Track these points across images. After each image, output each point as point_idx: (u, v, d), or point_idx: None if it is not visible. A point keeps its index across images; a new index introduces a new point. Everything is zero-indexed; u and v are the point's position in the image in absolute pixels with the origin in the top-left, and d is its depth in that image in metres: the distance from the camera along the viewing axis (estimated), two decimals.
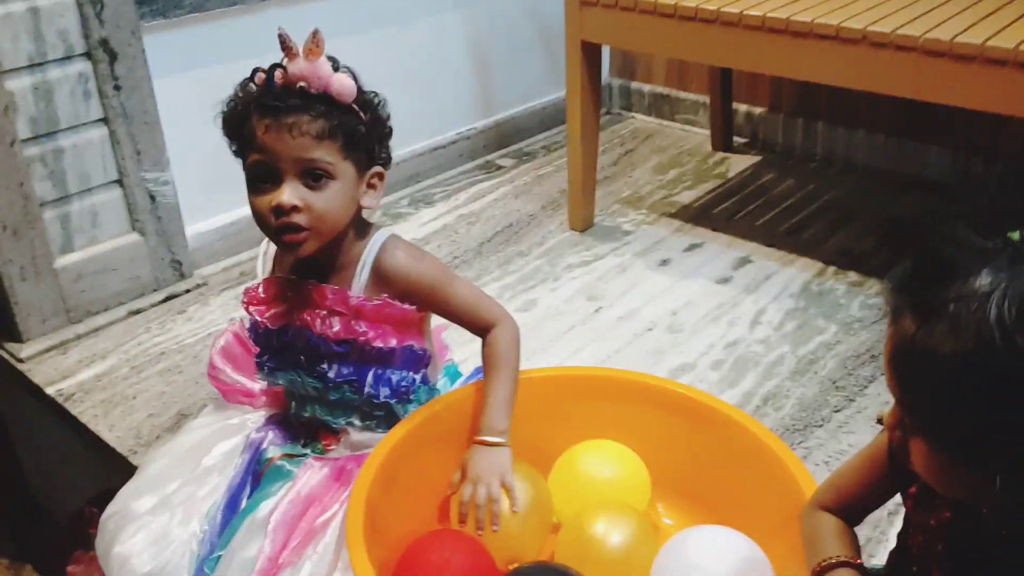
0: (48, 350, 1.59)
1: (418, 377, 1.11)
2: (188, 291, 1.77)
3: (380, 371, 1.08)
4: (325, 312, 1.06)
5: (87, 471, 1.54)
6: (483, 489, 1.04)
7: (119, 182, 1.65)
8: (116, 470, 1.39)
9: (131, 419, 1.43)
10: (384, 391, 1.08)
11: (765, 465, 1.05)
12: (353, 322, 1.05)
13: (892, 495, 0.85)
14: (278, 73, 1.00)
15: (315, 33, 0.99)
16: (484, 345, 1.12)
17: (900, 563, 0.81)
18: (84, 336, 1.64)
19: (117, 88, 1.58)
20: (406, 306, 1.07)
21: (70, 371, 1.55)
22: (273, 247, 1.14)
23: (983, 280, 0.60)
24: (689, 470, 1.15)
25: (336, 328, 1.05)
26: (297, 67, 0.99)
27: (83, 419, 1.44)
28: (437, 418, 1.10)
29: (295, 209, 0.98)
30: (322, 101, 0.99)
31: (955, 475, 0.67)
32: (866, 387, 1.42)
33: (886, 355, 0.67)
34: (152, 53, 1.62)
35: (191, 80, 1.73)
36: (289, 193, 0.98)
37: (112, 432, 1.41)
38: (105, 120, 1.59)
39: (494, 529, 1.04)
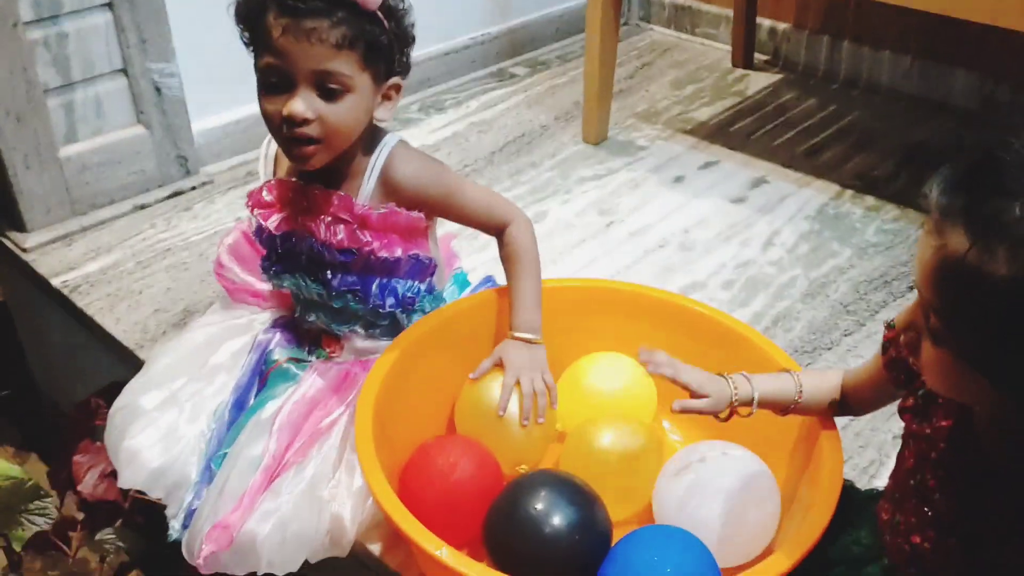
0: (52, 241, 1.58)
1: (423, 286, 1.09)
2: (194, 188, 1.74)
3: (385, 281, 1.06)
4: (330, 219, 1.03)
5: (92, 363, 1.54)
6: (528, 382, 1.04)
7: (124, 71, 1.60)
8: (122, 363, 1.40)
9: (137, 313, 1.43)
10: (389, 300, 1.07)
11: None
12: (358, 231, 1.02)
13: (892, 398, 0.87)
14: None
15: None
16: (502, 245, 1.11)
17: (900, 479, 0.82)
18: (89, 228, 1.62)
19: None
20: (414, 214, 1.05)
21: (75, 263, 1.54)
22: (274, 148, 1.11)
23: None
24: None
25: (340, 236, 1.03)
26: None
27: (89, 312, 1.43)
28: (447, 326, 1.10)
29: (307, 121, 0.95)
30: (345, 6, 0.93)
31: (966, 383, 0.67)
32: (877, 312, 1.41)
33: (927, 264, 0.65)
34: None
35: None
36: (302, 104, 0.94)
37: (118, 325, 1.40)
38: (110, 5, 1.53)
39: (540, 421, 1.05)
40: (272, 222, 1.06)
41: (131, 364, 1.36)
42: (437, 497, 0.98)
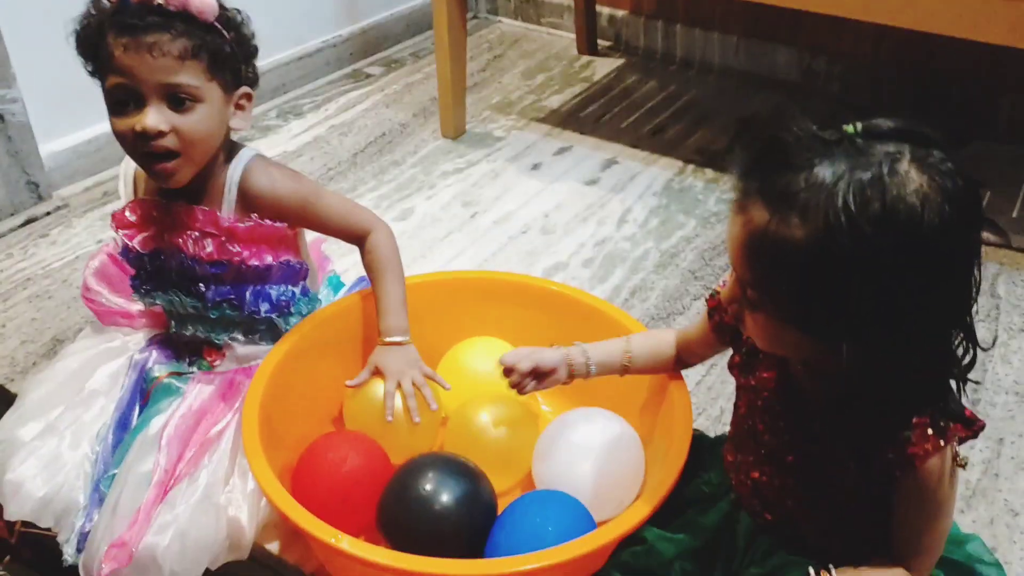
0: None
1: (297, 290, 1.13)
2: (48, 213, 1.71)
3: (259, 288, 1.10)
4: (197, 234, 1.06)
5: None
6: (407, 381, 1.10)
7: None
8: None
9: (3, 347, 1.40)
10: (264, 306, 1.10)
11: None
12: (227, 243, 1.05)
13: (718, 351, 0.99)
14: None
15: None
16: (364, 253, 1.15)
17: (736, 424, 0.93)
18: None
19: None
20: (278, 224, 1.08)
21: None
22: (132, 167, 1.12)
23: (828, 171, 0.66)
24: None
25: (209, 249, 1.06)
26: None
27: None
28: (325, 325, 1.14)
29: (161, 134, 0.97)
30: (182, 19, 0.96)
31: (785, 338, 0.76)
32: (721, 275, 1.54)
33: (736, 240, 0.73)
34: None
35: None
36: (154, 117, 0.96)
37: None
38: None
39: (433, 408, 1.10)
40: (138, 241, 1.08)
41: (2, 399, 1.34)
42: (329, 490, 1.02)
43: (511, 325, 1.24)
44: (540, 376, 1.03)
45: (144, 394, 1.14)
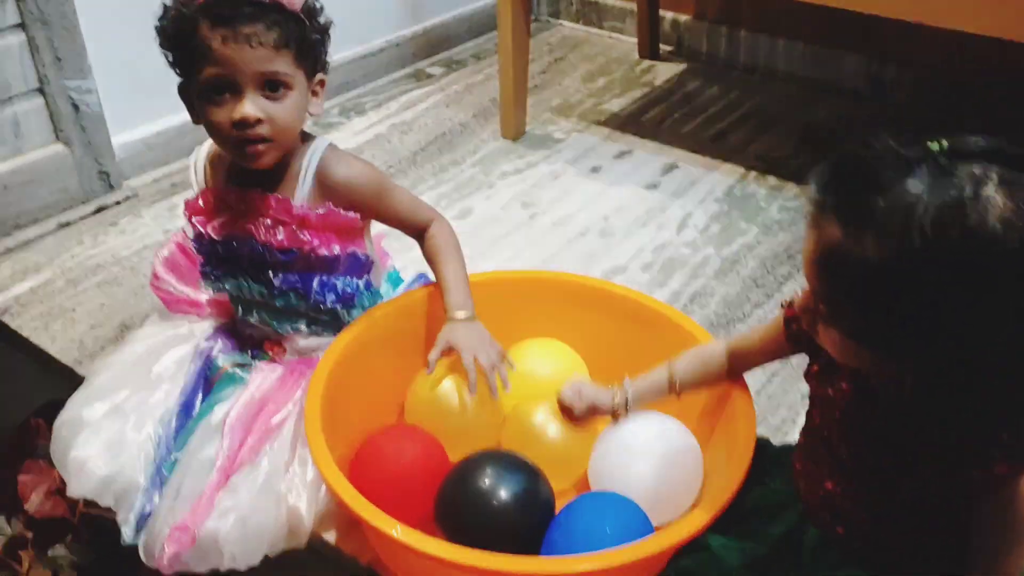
0: None
1: (362, 283, 1.15)
2: (118, 203, 1.75)
3: (325, 278, 1.11)
4: (270, 221, 1.08)
5: (23, 385, 1.54)
6: (485, 358, 1.10)
7: (40, 90, 1.60)
8: (60, 382, 1.41)
9: (73, 331, 1.43)
10: (330, 297, 1.11)
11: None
12: (298, 231, 1.07)
13: (785, 356, 0.98)
14: None
15: None
16: (426, 240, 1.17)
17: (810, 434, 0.91)
18: (14, 250, 1.61)
19: None
20: (350, 214, 1.10)
21: (3, 285, 1.53)
22: (203, 157, 1.14)
23: (907, 190, 0.65)
24: (624, 365, 1.23)
25: (281, 237, 1.08)
26: None
27: (24, 332, 1.43)
28: (387, 319, 1.16)
29: (259, 122, 1.00)
30: (274, 9, 0.99)
31: (859, 354, 0.75)
32: (783, 284, 1.52)
33: (809, 255, 0.72)
34: None
35: None
36: (252, 106, 0.99)
37: (55, 344, 1.41)
38: (22, 25, 1.53)
39: (507, 391, 1.11)
40: (210, 228, 1.10)
41: (70, 381, 1.37)
42: (387, 482, 1.03)
43: (570, 326, 1.24)
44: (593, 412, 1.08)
45: (208, 382, 1.17)
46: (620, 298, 1.23)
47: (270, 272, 1.09)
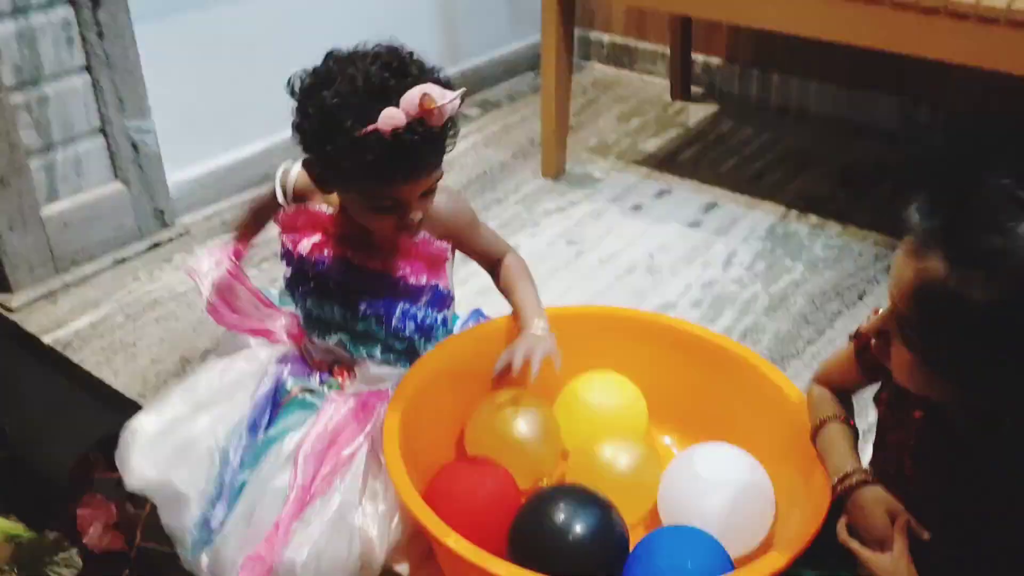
0: (37, 299, 1.60)
1: (440, 317, 1.17)
2: (172, 240, 1.78)
3: (408, 307, 1.13)
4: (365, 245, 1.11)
5: (81, 420, 1.55)
6: (540, 350, 1.11)
7: (102, 131, 1.64)
8: (120, 416, 1.42)
9: (135, 365, 1.46)
10: (410, 326, 1.14)
11: (755, 388, 1.15)
12: (391, 257, 1.10)
13: (865, 386, 0.98)
14: (419, 134, 0.98)
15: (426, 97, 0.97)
16: (501, 269, 1.22)
17: (880, 463, 0.92)
18: (72, 285, 1.64)
19: (100, 35, 1.57)
20: (443, 244, 1.13)
21: (63, 320, 1.56)
22: (294, 175, 1.16)
23: (1021, 234, 0.65)
24: (684, 397, 1.25)
25: (374, 261, 1.11)
26: (438, 119, 0.99)
27: (86, 366, 1.45)
28: (459, 352, 1.17)
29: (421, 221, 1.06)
30: (445, 135, 1.04)
31: (934, 384, 0.75)
32: (834, 320, 1.53)
33: (906, 284, 0.72)
34: None
35: (170, 26, 1.72)
36: (418, 213, 1.06)
37: (118, 378, 1.43)
38: (88, 68, 1.58)
39: (557, 368, 1.12)
40: (304, 247, 1.12)
41: (129, 415, 1.39)
42: (461, 515, 1.03)
43: (630, 360, 1.25)
44: None
45: (276, 404, 1.18)
46: (678, 331, 1.24)
47: (356, 295, 1.12)
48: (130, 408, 1.39)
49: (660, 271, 1.69)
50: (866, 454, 0.96)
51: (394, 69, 1.01)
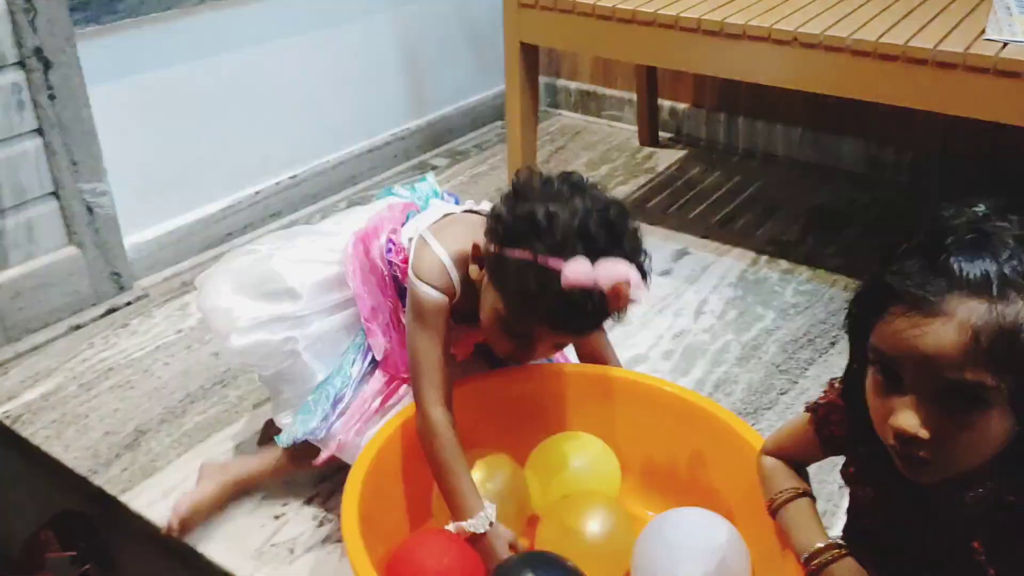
0: None
1: None
2: (129, 303, 1.73)
3: None
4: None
5: (35, 496, 1.49)
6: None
7: (55, 194, 1.60)
8: (72, 492, 1.36)
9: (86, 438, 1.40)
10: None
11: (727, 446, 1.11)
12: None
13: (824, 458, 0.94)
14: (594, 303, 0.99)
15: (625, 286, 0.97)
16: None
17: (853, 532, 0.88)
18: (24, 355, 1.58)
19: (52, 98, 1.53)
20: None
21: (14, 392, 1.50)
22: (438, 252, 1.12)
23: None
24: (656, 456, 1.21)
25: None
26: (621, 304, 1.00)
27: (35, 441, 1.39)
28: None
29: None
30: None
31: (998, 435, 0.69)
32: (807, 369, 1.51)
33: (953, 344, 0.65)
34: (86, 60, 1.58)
35: (126, 87, 1.69)
36: (537, 356, 1.13)
37: (68, 453, 1.37)
38: (40, 131, 1.54)
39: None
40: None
41: (83, 492, 1.33)
42: None
43: (599, 419, 1.22)
44: None
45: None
46: (649, 388, 1.21)
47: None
48: (81, 485, 1.33)
49: (631, 322, 1.65)
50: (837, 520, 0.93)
51: (612, 229, 0.99)
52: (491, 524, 1.03)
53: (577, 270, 0.95)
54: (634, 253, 1.01)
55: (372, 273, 1.21)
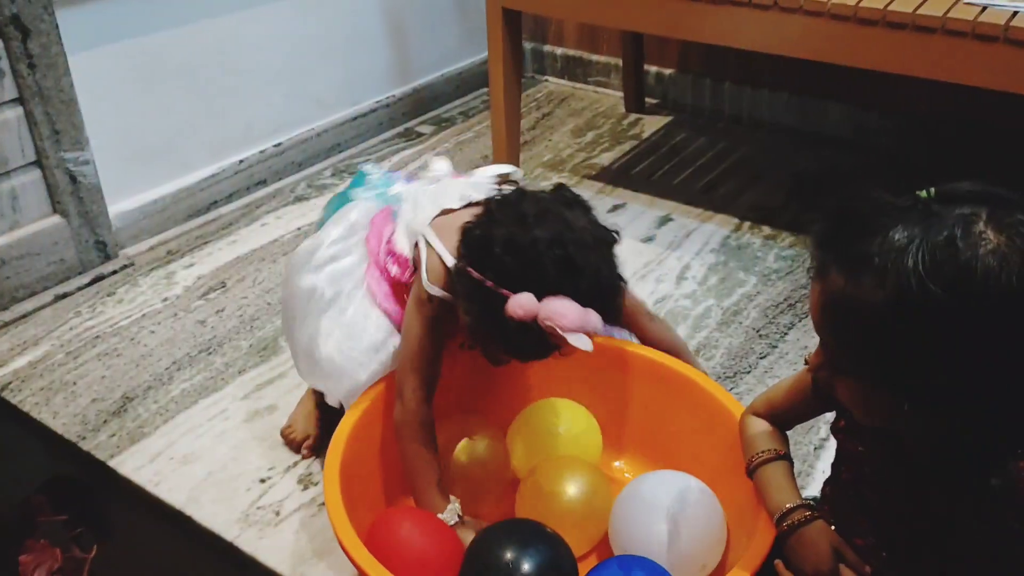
0: None
1: None
2: (115, 272, 1.74)
3: None
4: None
5: (26, 462, 1.50)
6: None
7: (38, 163, 1.60)
8: (62, 458, 1.38)
9: (75, 405, 1.41)
10: None
11: (705, 411, 1.14)
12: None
13: (817, 415, 0.97)
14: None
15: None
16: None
17: (839, 490, 0.90)
18: (12, 323, 1.59)
19: (31, 66, 1.53)
20: None
21: (2, 360, 1.51)
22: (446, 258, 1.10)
23: (900, 235, 0.68)
24: (639, 422, 1.23)
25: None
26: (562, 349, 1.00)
27: (24, 408, 1.41)
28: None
29: None
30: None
31: (877, 406, 0.75)
32: (786, 333, 1.53)
33: (816, 306, 0.74)
34: (65, 28, 1.57)
35: (107, 54, 1.68)
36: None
37: (57, 419, 1.39)
38: (20, 100, 1.54)
39: None
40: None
41: (73, 457, 1.35)
42: (407, 561, 1.00)
43: (582, 386, 1.24)
44: None
45: None
46: (632, 356, 1.23)
47: None
48: (70, 451, 1.35)
49: None
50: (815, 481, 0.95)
51: (570, 265, 0.99)
52: (460, 516, 1.06)
53: (520, 304, 0.95)
54: (597, 290, 1.00)
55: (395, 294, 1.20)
